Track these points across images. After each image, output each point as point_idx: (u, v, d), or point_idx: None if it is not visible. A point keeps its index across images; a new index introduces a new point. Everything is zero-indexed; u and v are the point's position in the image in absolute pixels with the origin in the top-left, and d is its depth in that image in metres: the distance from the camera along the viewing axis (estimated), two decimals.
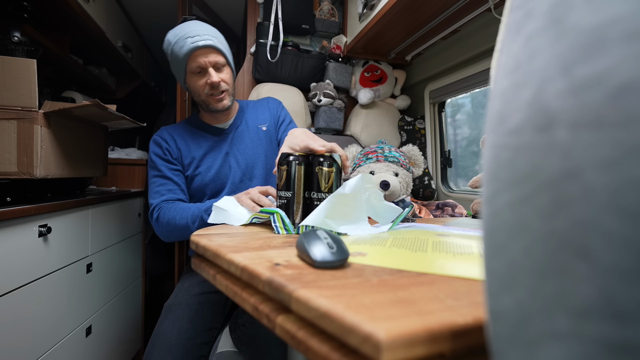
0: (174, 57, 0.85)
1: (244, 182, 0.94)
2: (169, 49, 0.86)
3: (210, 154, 0.93)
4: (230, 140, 0.96)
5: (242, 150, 0.95)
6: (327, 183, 0.60)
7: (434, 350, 0.23)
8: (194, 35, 0.82)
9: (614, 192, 0.12)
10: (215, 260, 0.44)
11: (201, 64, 0.84)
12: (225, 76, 0.89)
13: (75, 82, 1.70)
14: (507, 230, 0.17)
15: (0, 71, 0.82)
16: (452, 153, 1.38)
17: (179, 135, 0.94)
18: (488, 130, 0.19)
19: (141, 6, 1.85)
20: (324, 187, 0.60)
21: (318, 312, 0.26)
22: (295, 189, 0.61)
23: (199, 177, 0.92)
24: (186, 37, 0.83)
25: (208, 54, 0.84)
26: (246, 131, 0.98)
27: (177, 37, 0.84)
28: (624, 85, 0.12)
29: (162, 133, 0.93)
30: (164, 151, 0.90)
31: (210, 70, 0.85)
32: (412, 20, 1.16)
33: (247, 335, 0.76)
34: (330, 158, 0.61)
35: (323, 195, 0.59)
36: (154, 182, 0.89)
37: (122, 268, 1.32)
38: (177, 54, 0.84)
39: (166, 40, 0.87)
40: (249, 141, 0.96)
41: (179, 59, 0.84)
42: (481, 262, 0.19)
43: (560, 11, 0.15)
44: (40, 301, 0.84)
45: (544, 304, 0.15)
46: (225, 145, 0.95)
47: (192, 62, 0.84)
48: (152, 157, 0.91)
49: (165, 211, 0.82)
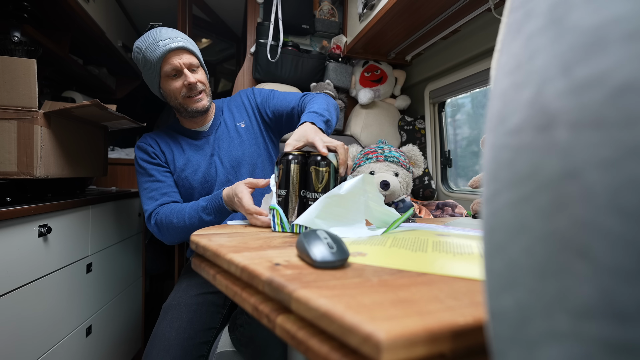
0: (147, 63, 0.84)
1: (230, 181, 0.93)
2: (140, 56, 0.84)
3: (194, 157, 0.92)
4: (213, 142, 0.95)
5: (225, 150, 0.94)
6: (321, 183, 0.60)
7: (434, 350, 0.22)
8: (165, 39, 0.82)
9: (614, 192, 0.12)
10: (215, 260, 0.44)
11: (176, 66, 0.83)
12: (201, 77, 0.88)
13: (75, 82, 1.70)
14: (507, 230, 0.17)
15: (0, 71, 0.82)
16: (452, 153, 1.38)
17: (162, 140, 0.93)
18: (488, 130, 0.19)
19: (141, 6, 1.85)
20: (317, 187, 0.60)
21: (318, 312, 0.26)
22: (291, 188, 0.61)
23: (186, 181, 0.91)
24: (157, 41, 0.81)
25: (181, 55, 0.83)
26: (226, 131, 0.97)
27: (148, 43, 0.83)
28: (624, 85, 0.12)
29: (145, 139, 0.92)
30: (151, 155, 0.89)
31: (185, 71, 0.84)
32: (412, 20, 1.16)
33: (246, 335, 0.76)
34: (325, 158, 0.61)
35: (316, 195, 0.60)
36: (146, 188, 0.87)
37: (122, 268, 1.32)
38: (150, 59, 0.82)
39: (135, 47, 0.85)
40: (230, 141, 0.95)
41: (152, 63, 0.83)
42: (481, 262, 0.19)
43: (560, 11, 0.15)
44: (40, 301, 0.84)
45: (544, 304, 0.15)
46: (208, 148, 0.94)
47: (166, 65, 0.83)
48: (140, 164, 0.89)
49: (162, 215, 0.82)
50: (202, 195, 0.91)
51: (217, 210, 0.76)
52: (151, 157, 0.89)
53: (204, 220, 0.77)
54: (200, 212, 0.77)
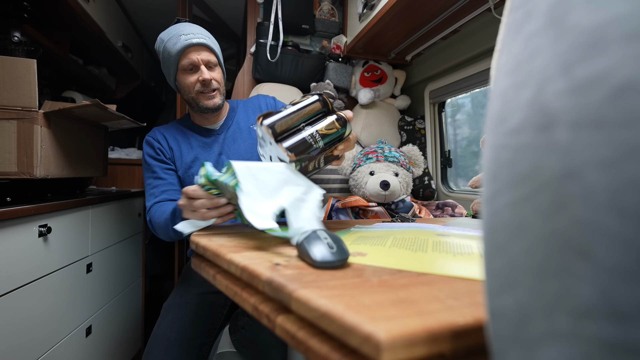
0: (166, 55, 0.86)
1: None
2: (161, 47, 0.87)
3: (202, 155, 0.92)
4: (222, 141, 0.95)
5: (234, 150, 0.94)
6: (328, 130, 0.58)
7: (434, 350, 0.22)
8: (187, 34, 0.84)
9: (614, 192, 0.12)
10: (215, 260, 0.44)
11: (193, 61, 0.85)
12: (217, 75, 0.89)
13: (75, 82, 1.70)
14: (507, 230, 0.17)
15: (0, 71, 0.82)
16: (452, 153, 1.38)
17: (170, 135, 0.93)
18: (488, 130, 0.19)
19: (141, 6, 1.85)
20: (323, 134, 0.57)
21: (318, 312, 0.26)
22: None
23: (192, 178, 0.90)
24: (180, 34, 0.84)
25: (201, 51, 0.85)
26: (238, 132, 0.97)
27: (170, 35, 0.85)
28: (624, 85, 0.12)
29: (154, 133, 0.93)
30: (156, 151, 0.90)
31: (202, 67, 0.86)
32: (412, 20, 1.16)
33: (247, 337, 0.75)
34: (345, 122, 0.59)
35: (318, 136, 0.56)
36: (149, 185, 0.88)
37: (122, 268, 1.32)
38: (170, 51, 0.84)
39: (159, 39, 0.88)
40: (241, 141, 0.95)
41: (171, 55, 0.85)
42: (481, 262, 0.19)
43: (560, 11, 0.15)
44: (40, 301, 0.84)
45: (544, 304, 0.15)
46: (217, 146, 0.94)
47: (184, 59, 0.85)
48: (145, 159, 0.90)
49: (153, 213, 0.82)
50: None
51: (179, 217, 0.71)
52: (156, 153, 0.90)
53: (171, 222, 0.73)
54: (169, 214, 0.74)
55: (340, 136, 0.58)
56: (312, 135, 0.55)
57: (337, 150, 0.60)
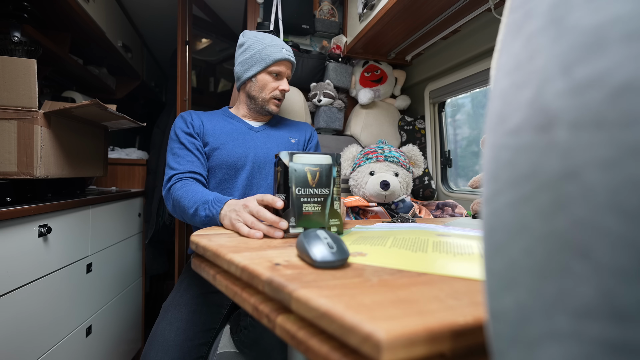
0: (262, 54, 0.96)
1: (255, 177, 0.96)
2: (258, 47, 0.97)
3: (235, 139, 0.97)
4: (258, 136, 1.01)
5: (266, 148, 0.99)
6: (276, 181, 0.59)
7: (434, 350, 0.23)
8: (287, 49, 1.00)
9: (613, 192, 0.12)
10: (215, 261, 0.44)
11: (282, 72, 0.98)
12: (289, 89, 1.02)
13: (75, 82, 1.70)
14: (507, 230, 0.17)
15: (0, 71, 0.82)
16: (452, 153, 1.38)
17: (206, 117, 0.99)
18: (488, 130, 0.19)
19: (141, 6, 1.85)
20: (277, 188, 0.59)
21: (318, 312, 0.26)
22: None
23: (217, 158, 0.93)
24: (282, 47, 0.98)
25: (289, 67, 1.01)
26: (275, 134, 1.04)
27: (273, 43, 0.98)
28: (624, 85, 0.12)
29: (189, 112, 0.98)
30: (187, 125, 0.94)
31: (285, 79, 1.00)
32: (412, 20, 1.16)
33: (250, 338, 0.75)
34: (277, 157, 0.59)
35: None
36: (175, 154, 0.89)
37: (122, 268, 1.32)
38: (269, 54, 0.96)
39: (257, 39, 0.98)
40: (275, 144, 1.02)
41: (269, 58, 0.96)
42: (481, 262, 0.19)
43: (560, 11, 0.15)
44: (40, 301, 0.84)
45: (544, 304, 0.15)
46: (250, 138, 0.99)
47: (277, 67, 0.97)
48: (175, 131, 0.93)
49: (177, 187, 0.81)
50: (226, 177, 0.94)
51: (211, 214, 0.70)
52: (187, 126, 0.94)
53: (197, 214, 0.72)
54: (200, 205, 0.72)
55: (283, 171, 0.57)
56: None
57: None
